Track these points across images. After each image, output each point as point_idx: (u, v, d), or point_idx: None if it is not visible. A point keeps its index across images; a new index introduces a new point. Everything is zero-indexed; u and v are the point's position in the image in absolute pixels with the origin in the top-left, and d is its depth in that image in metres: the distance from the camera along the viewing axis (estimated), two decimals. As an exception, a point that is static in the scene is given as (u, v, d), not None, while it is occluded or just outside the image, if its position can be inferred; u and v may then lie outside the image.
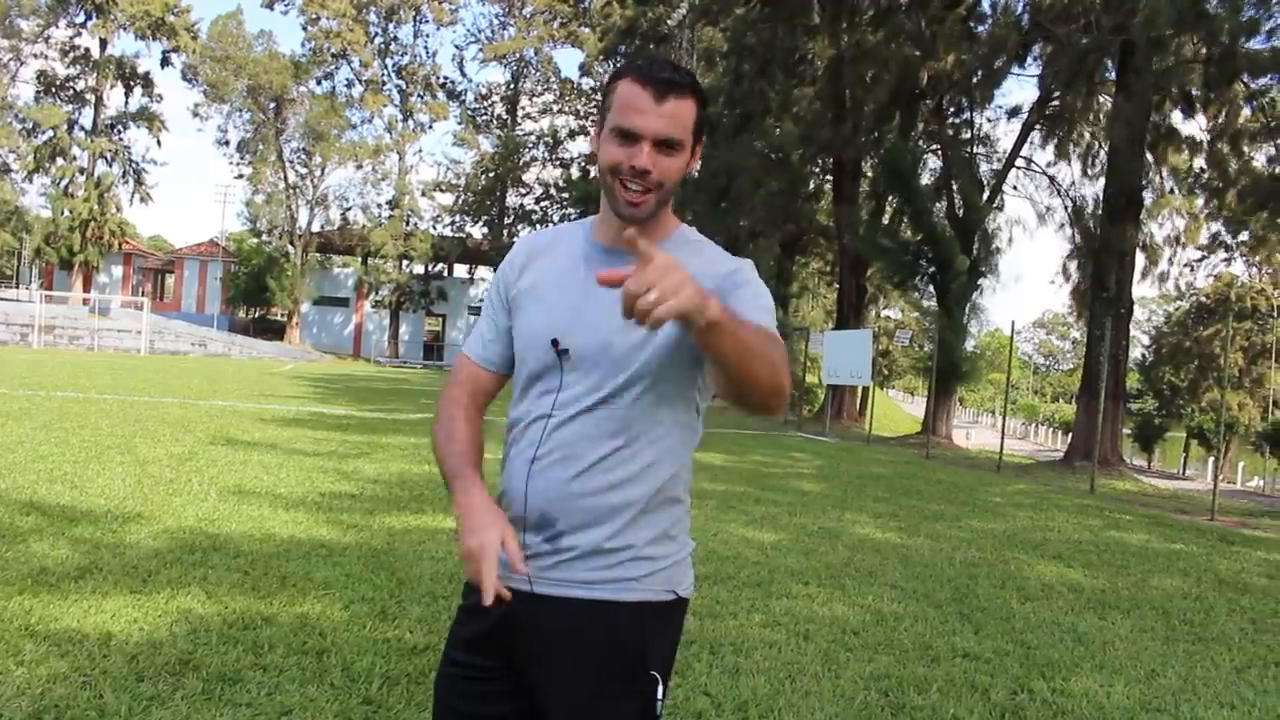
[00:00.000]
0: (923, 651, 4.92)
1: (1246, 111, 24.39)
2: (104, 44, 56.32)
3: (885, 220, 30.61)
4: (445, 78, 66.11)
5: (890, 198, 30.29)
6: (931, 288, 25.70)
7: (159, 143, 77.87)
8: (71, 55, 56.83)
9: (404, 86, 63.70)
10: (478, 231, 65.49)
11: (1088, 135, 28.48)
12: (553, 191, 63.56)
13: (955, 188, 26.07)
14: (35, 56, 57.27)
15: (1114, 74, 22.40)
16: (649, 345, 1.71)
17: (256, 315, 63.61)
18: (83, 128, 56.93)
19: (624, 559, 1.74)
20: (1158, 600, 6.64)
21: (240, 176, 63.79)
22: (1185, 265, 41.05)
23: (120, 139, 58.07)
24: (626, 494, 1.73)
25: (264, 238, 62.28)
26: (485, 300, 1.98)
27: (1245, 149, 24.50)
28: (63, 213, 54.41)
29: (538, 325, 1.79)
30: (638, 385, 1.73)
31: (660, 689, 1.74)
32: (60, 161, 55.95)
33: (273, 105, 61.30)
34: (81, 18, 55.69)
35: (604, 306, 1.72)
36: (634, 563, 1.74)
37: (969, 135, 28.84)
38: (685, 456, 1.81)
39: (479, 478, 1.76)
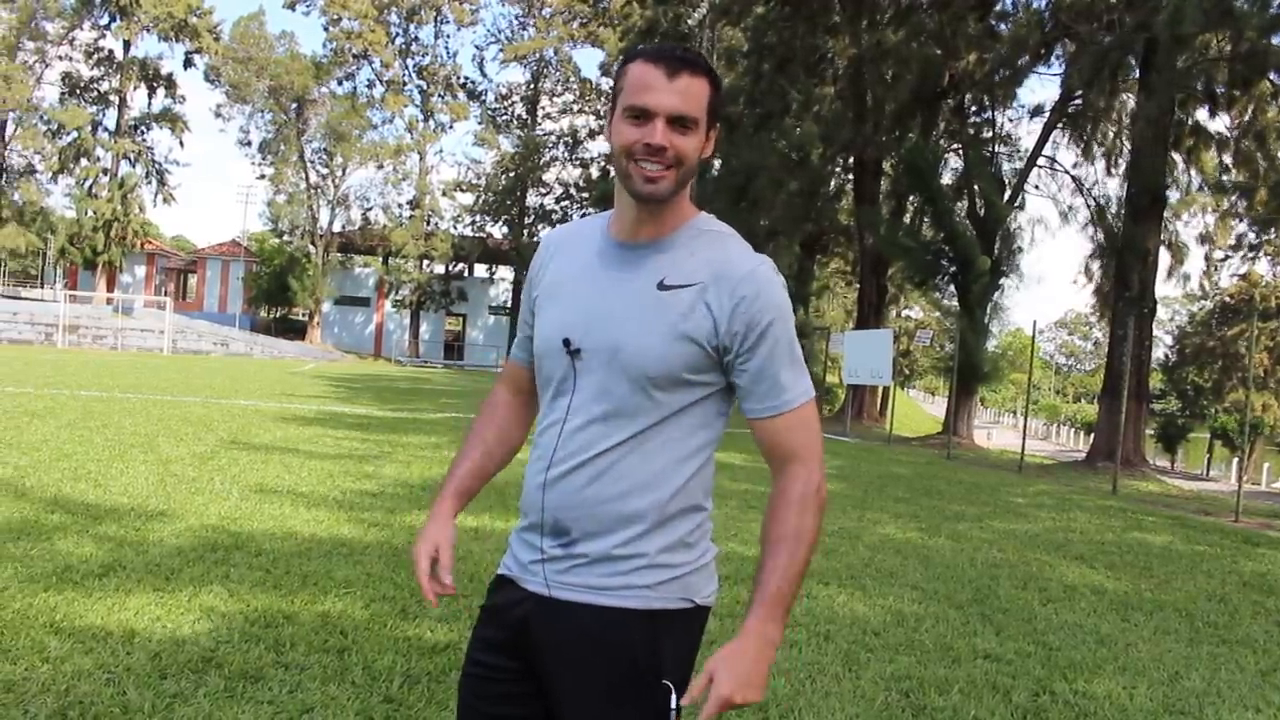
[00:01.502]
0: (944, 652, 4.90)
1: (1273, 110, 24.18)
2: (128, 46, 56.74)
3: (906, 220, 30.50)
4: (465, 78, 66.26)
5: (911, 197, 30.17)
6: (953, 287, 25.59)
7: (181, 143, 78.22)
8: (96, 57, 57.28)
9: (425, 87, 63.87)
10: (498, 231, 65.58)
11: (1111, 134, 28.29)
12: (573, 191, 63.61)
13: (977, 187, 25.94)
14: (60, 58, 57.79)
15: (1137, 72, 22.25)
16: (665, 351, 1.67)
17: (278, 315, 63.89)
18: (106, 129, 57.40)
19: (636, 566, 1.70)
20: (1181, 602, 6.59)
21: (262, 177, 64.24)
22: (1212, 265, 40.67)
23: (143, 140, 58.52)
24: (641, 501, 1.69)
25: (285, 238, 62.58)
26: (524, 290, 1.97)
27: (1271, 147, 24.29)
28: (87, 213, 54.84)
29: (552, 326, 1.76)
30: (653, 390, 1.68)
31: (674, 699, 1.70)
32: (84, 162, 56.42)
33: (294, 106, 61.57)
34: (106, 20, 56.12)
35: (617, 306, 1.70)
36: (647, 570, 1.70)
37: (990, 134, 28.71)
38: (704, 461, 1.76)
39: (451, 493, 1.96)
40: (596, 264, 1.76)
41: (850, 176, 33.28)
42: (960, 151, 28.42)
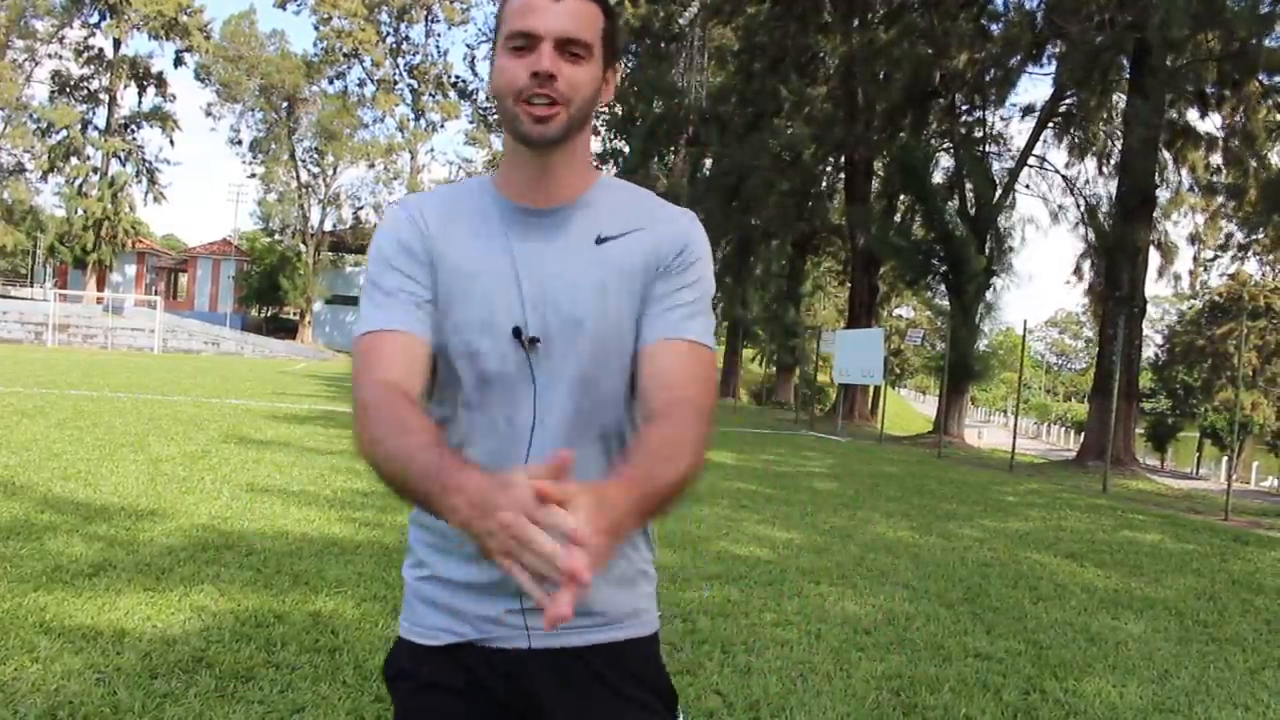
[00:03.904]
0: (935, 651, 4.91)
1: (1263, 110, 24.28)
2: (118, 44, 56.61)
3: (898, 219, 30.60)
4: (457, 77, 66.20)
5: (903, 197, 30.26)
6: (944, 286, 25.66)
7: (172, 142, 78.53)
8: (85, 55, 57.16)
9: (416, 86, 63.88)
10: (489, 231, 65.54)
11: (1102, 133, 28.39)
12: (564, 190, 63.63)
13: (969, 186, 26.01)
14: (50, 57, 57.72)
15: (1128, 72, 22.33)
16: (628, 309, 1.46)
17: (269, 314, 63.81)
18: (96, 127, 57.23)
19: (640, 588, 1.54)
20: (1171, 600, 6.62)
21: (253, 176, 64.26)
22: (1200, 265, 40.86)
23: (134, 139, 58.40)
24: None
25: (276, 237, 62.53)
26: (383, 260, 1.48)
27: (1260, 147, 24.40)
28: (77, 212, 54.71)
29: (485, 316, 1.44)
30: (624, 370, 1.47)
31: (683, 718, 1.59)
32: (74, 161, 56.27)
33: (285, 105, 61.50)
34: (96, 18, 56.00)
35: (564, 276, 1.45)
36: (646, 588, 1.55)
37: (982, 134, 28.78)
38: None
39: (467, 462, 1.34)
40: (510, 235, 1.47)
41: (842, 176, 33.33)
42: (951, 151, 28.50)
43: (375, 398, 1.34)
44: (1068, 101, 26.77)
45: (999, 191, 26.46)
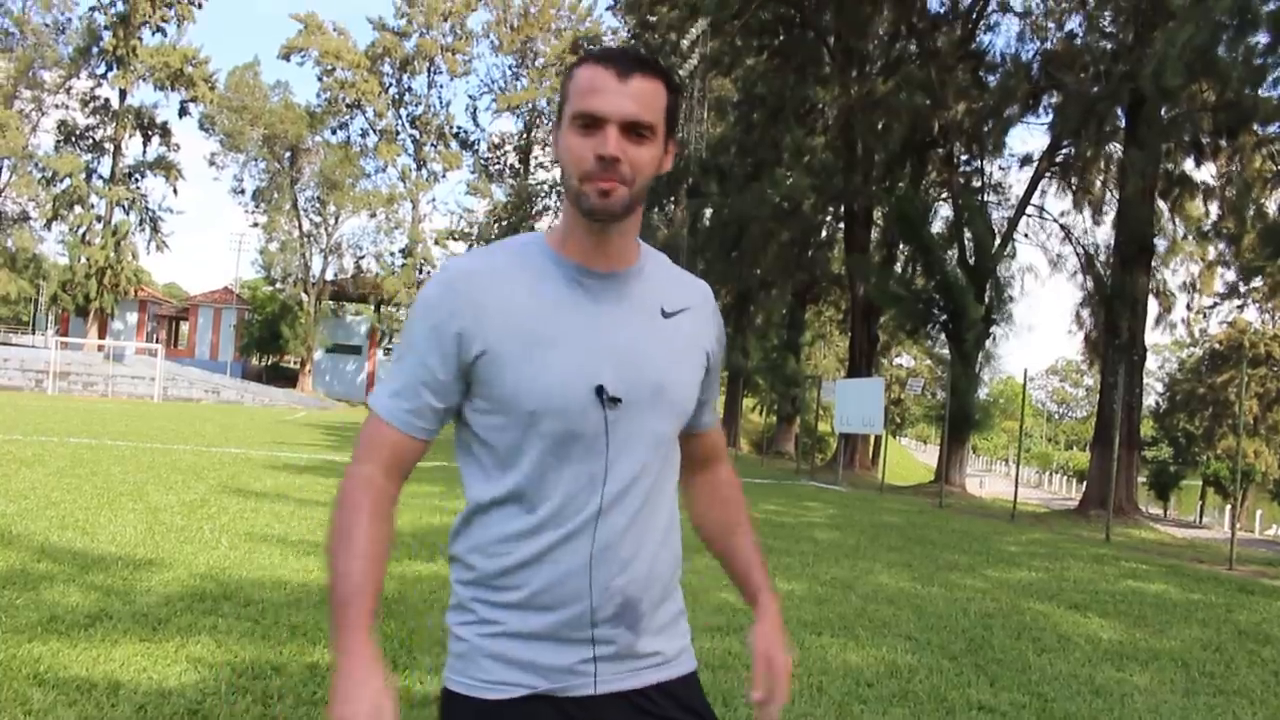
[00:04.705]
0: (938, 704, 4.86)
1: (1259, 159, 24.46)
2: (123, 94, 57.08)
3: (897, 268, 30.74)
4: (458, 127, 66.78)
5: (902, 246, 30.41)
6: (944, 335, 25.71)
7: (175, 191, 78.86)
8: (92, 105, 57.64)
9: (418, 136, 64.40)
10: (490, 280, 65.73)
11: (1099, 182, 28.59)
12: (565, 240, 63.91)
13: (968, 235, 26.15)
14: (56, 107, 58.18)
15: (1124, 122, 22.53)
16: (693, 380, 1.62)
17: (270, 362, 63.86)
18: (101, 176, 57.54)
19: (683, 625, 1.65)
20: (1177, 651, 6.55)
21: (255, 225, 64.60)
22: (1198, 312, 40.99)
23: (137, 187, 58.64)
24: (679, 550, 1.62)
25: (278, 285, 62.76)
26: (411, 345, 1.55)
27: (1257, 196, 24.54)
28: (80, 260, 54.88)
29: (565, 375, 1.47)
30: (680, 426, 1.61)
31: None
32: (78, 209, 56.49)
33: (288, 154, 61.98)
34: (103, 69, 56.54)
35: (642, 342, 1.54)
36: (685, 623, 1.66)
37: (980, 183, 28.97)
38: None
39: (369, 618, 1.44)
40: (580, 297, 1.52)
41: (841, 225, 33.51)
42: (950, 200, 28.68)
43: (353, 490, 1.52)
44: (1065, 151, 27.00)
45: (998, 240, 26.60)
